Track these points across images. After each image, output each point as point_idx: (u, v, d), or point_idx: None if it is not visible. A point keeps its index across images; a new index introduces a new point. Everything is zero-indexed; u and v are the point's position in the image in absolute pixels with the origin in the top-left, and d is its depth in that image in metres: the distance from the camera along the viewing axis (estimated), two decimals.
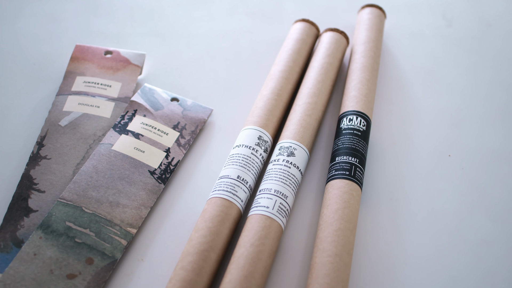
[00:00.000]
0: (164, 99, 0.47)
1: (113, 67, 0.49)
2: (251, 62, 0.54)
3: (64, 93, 0.47)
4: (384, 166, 0.45)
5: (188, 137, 0.45)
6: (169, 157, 0.43)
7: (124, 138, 0.43)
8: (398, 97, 0.51)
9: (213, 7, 0.61)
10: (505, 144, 0.47)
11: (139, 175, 0.41)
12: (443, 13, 0.62)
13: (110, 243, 0.37)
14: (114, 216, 0.38)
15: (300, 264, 0.38)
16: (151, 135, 0.44)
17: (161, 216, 0.40)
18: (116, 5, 0.60)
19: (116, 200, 0.39)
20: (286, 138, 0.42)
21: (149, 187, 0.41)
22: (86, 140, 0.43)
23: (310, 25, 0.53)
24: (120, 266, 0.37)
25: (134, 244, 0.39)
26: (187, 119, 0.46)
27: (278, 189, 0.39)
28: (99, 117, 0.45)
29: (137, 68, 0.50)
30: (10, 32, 0.55)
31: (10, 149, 0.44)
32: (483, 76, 0.54)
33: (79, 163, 0.42)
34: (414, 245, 0.39)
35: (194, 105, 0.47)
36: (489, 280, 0.38)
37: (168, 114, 0.46)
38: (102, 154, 0.42)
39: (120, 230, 0.38)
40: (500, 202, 0.43)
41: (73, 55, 0.50)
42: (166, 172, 0.42)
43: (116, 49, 0.51)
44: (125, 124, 0.44)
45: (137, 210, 0.39)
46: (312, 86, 0.46)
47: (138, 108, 0.46)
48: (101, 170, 0.41)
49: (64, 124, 0.44)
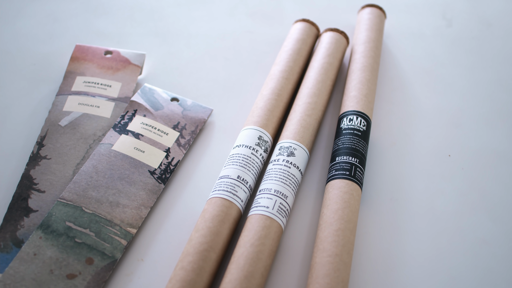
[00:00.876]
0: (164, 99, 0.47)
1: (113, 67, 0.49)
2: (251, 62, 0.54)
3: (64, 93, 0.47)
4: (384, 166, 0.45)
5: (188, 137, 0.45)
6: (169, 157, 0.43)
7: (124, 138, 0.43)
8: (398, 97, 0.51)
9: (213, 7, 0.61)
10: (505, 144, 0.47)
11: (139, 175, 0.41)
12: (443, 13, 0.62)
13: (110, 243, 0.37)
14: (114, 216, 0.38)
15: (300, 264, 0.38)
16: (151, 135, 0.44)
17: (161, 216, 0.40)
18: (116, 5, 0.60)
19: (116, 200, 0.39)
20: (286, 138, 0.42)
21: (149, 187, 0.41)
22: (86, 140, 0.43)
23: (310, 25, 0.53)
24: (120, 266, 0.37)
25: (134, 244, 0.39)
26: (187, 119, 0.46)
27: (278, 189, 0.39)
28: (99, 117, 0.45)
29: (137, 68, 0.50)
30: (10, 32, 0.55)
31: (10, 149, 0.44)
32: (483, 76, 0.54)
33: (79, 163, 0.42)
34: (414, 245, 0.39)
35: (194, 105, 0.47)
36: (489, 280, 0.38)
37: (168, 114, 0.46)
38: (102, 154, 0.42)
39: (120, 230, 0.38)
40: (500, 202, 0.43)
41: (73, 55, 0.50)
42: (166, 172, 0.42)
43: (116, 49, 0.51)
44: (125, 124, 0.44)
45: (137, 210, 0.39)
46: (312, 86, 0.46)
47: (138, 108, 0.46)
48: (101, 170, 0.41)
49: (64, 124, 0.44)
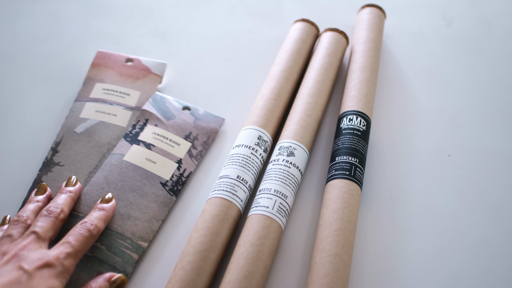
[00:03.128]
0: (175, 108, 0.46)
1: (133, 75, 0.48)
2: (251, 62, 0.54)
3: (83, 99, 0.46)
4: (384, 166, 0.45)
5: (200, 147, 0.44)
6: (181, 169, 0.42)
7: (135, 149, 0.42)
8: (398, 97, 0.51)
9: (213, 7, 0.61)
10: (505, 144, 0.47)
11: (151, 186, 0.40)
12: (443, 13, 0.62)
13: (121, 257, 0.36)
14: (125, 229, 0.38)
15: (300, 264, 0.38)
16: (163, 145, 0.43)
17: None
18: (116, 5, 0.60)
19: (127, 213, 0.39)
20: (286, 138, 0.42)
21: (161, 199, 0.40)
22: (100, 149, 0.43)
23: (310, 25, 0.53)
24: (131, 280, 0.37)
25: (145, 258, 0.38)
26: (199, 129, 0.45)
27: (278, 189, 0.39)
28: (115, 125, 0.44)
29: (157, 77, 0.49)
30: (10, 32, 0.55)
31: (9, 148, 0.44)
32: (482, 76, 0.54)
33: (92, 171, 0.41)
34: (414, 245, 0.39)
35: (206, 114, 0.46)
36: (489, 279, 0.38)
37: (180, 123, 0.45)
38: (114, 164, 0.41)
39: (132, 244, 0.37)
40: (499, 202, 0.43)
41: (94, 61, 0.49)
42: (178, 184, 0.41)
43: (137, 57, 0.50)
44: (136, 133, 0.43)
45: (149, 223, 0.39)
46: (312, 86, 0.46)
47: (150, 117, 0.45)
48: (112, 182, 0.40)
49: (80, 131, 0.43)
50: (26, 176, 0.42)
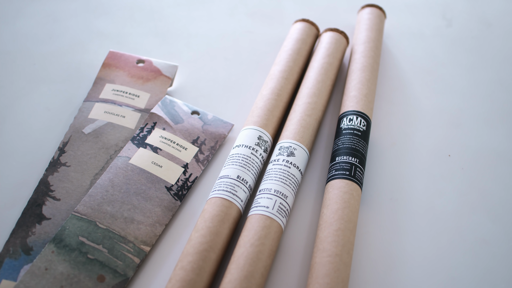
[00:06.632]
0: (184, 112, 0.46)
1: (144, 76, 0.48)
2: (251, 62, 0.54)
3: (92, 99, 0.46)
4: (384, 166, 0.45)
5: (207, 152, 0.44)
6: (187, 173, 0.42)
7: (142, 152, 0.42)
8: (398, 97, 0.51)
9: (213, 7, 0.61)
10: (505, 144, 0.47)
11: (156, 190, 0.40)
12: (443, 13, 0.62)
13: (122, 261, 0.36)
14: (128, 233, 0.37)
15: (300, 264, 0.38)
16: (170, 149, 0.43)
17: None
18: (116, 5, 0.60)
19: (131, 216, 0.38)
20: (286, 138, 0.42)
21: (165, 203, 0.40)
22: (108, 150, 0.42)
23: (310, 25, 0.53)
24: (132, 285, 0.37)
25: (147, 263, 0.38)
26: (207, 134, 0.45)
27: (278, 189, 0.39)
28: (124, 127, 0.44)
29: (167, 79, 0.48)
30: (10, 32, 0.55)
31: (9, 149, 0.44)
32: (483, 76, 0.54)
33: (98, 173, 0.41)
34: (414, 245, 0.39)
35: (215, 119, 0.46)
36: (489, 279, 0.38)
37: (188, 128, 0.45)
38: (119, 167, 0.41)
39: (134, 248, 0.37)
40: (499, 202, 0.43)
41: (105, 61, 0.49)
42: (183, 189, 0.41)
43: (149, 59, 0.50)
44: (143, 137, 0.43)
45: (152, 227, 0.38)
46: (312, 86, 0.46)
47: (158, 120, 0.44)
48: (117, 184, 0.40)
49: (88, 131, 0.43)
50: (32, 176, 0.42)
